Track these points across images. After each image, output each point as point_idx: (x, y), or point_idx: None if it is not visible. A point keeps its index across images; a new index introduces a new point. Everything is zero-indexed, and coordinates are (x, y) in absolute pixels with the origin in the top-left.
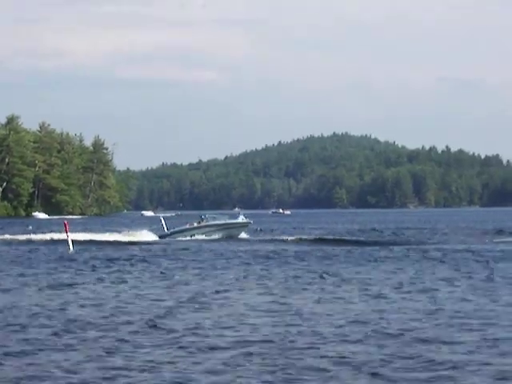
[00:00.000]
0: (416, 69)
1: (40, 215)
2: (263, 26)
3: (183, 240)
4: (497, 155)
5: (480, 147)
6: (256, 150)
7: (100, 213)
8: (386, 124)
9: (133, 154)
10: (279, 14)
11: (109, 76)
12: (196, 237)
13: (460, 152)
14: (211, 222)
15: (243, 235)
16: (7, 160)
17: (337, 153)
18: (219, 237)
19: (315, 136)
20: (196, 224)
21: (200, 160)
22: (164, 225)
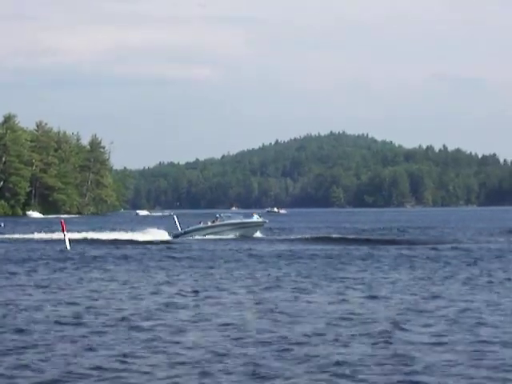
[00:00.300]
0: (415, 68)
1: (34, 214)
2: (263, 26)
3: (199, 239)
4: (494, 154)
5: (477, 146)
6: (253, 149)
7: (97, 212)
8: (383, 123)
9: (130, 153)
10: (279, 14)
11: (108, 74)
12: (210, 236)
13: (457, 151)
14: (226, 221)
15: (258, 234)
16: (4, 159)
17: (334, 152)
18: (234, 236)
19: (312, 135)
20: (210, 223)
21: (197, 159)
22: (178, 224)
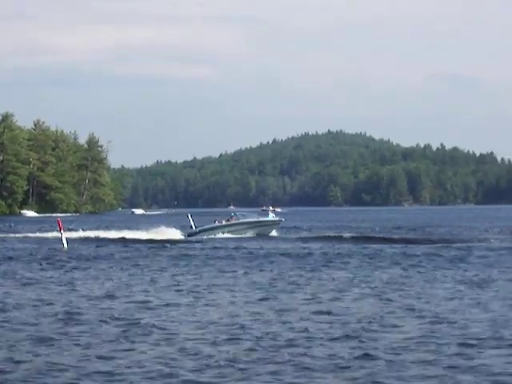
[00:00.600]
0: (415, 68)
1: (29, 213)
2: (263, 26)
3: (214, 237)
4: (491, 153)
5: (474, 145)
6: (251, 148)
7: (94, 210)
8: (381, 122)
9: (128, 152)
10: (279, 14)
11: (108, 74)
12: (226, 235)
13: (455, 150)
14: (242, 220)
15: (274, 233)
16: (1, 158)
17: (331, 150)
18: (250, 235)
19: (310, 134)
20: (225, 222)
21: (194, 158)
22: (192, 222)
